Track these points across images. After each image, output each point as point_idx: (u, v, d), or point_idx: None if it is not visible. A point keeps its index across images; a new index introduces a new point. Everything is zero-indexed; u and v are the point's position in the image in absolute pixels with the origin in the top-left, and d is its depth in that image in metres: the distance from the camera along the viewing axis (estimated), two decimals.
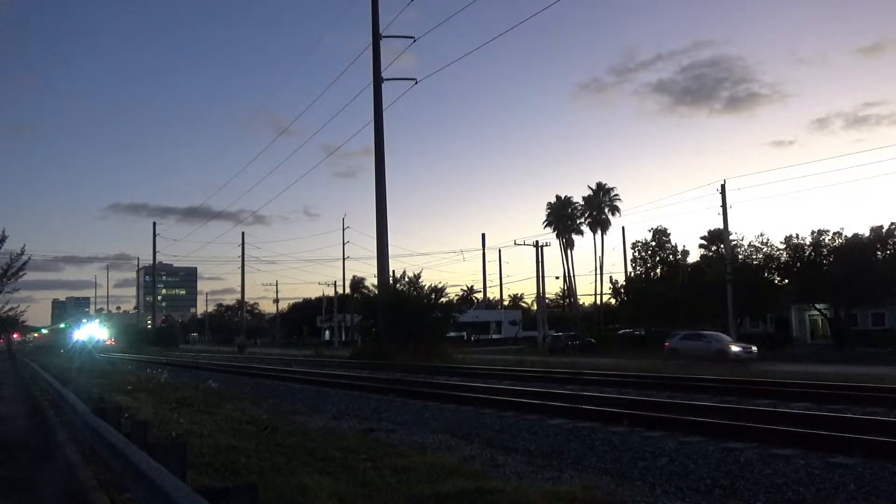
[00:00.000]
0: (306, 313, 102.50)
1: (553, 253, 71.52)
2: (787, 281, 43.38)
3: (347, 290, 79.98)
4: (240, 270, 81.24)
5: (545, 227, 74.18)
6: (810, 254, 40.98)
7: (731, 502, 6.12)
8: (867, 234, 41.56)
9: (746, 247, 43.88)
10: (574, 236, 73.61)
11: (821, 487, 6.07)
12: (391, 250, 38.55)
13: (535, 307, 78.99)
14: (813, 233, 41.19)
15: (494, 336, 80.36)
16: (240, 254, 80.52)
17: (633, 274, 58.80)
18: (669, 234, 57.55)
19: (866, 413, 10.25)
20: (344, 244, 72.28)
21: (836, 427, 8.41)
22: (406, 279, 39.40)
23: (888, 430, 8.13)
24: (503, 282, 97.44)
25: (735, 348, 31.09)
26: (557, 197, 74.17)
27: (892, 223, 40.85)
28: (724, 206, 40.71)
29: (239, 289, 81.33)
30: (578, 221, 73.62)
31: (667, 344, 33.75)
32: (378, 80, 38.29)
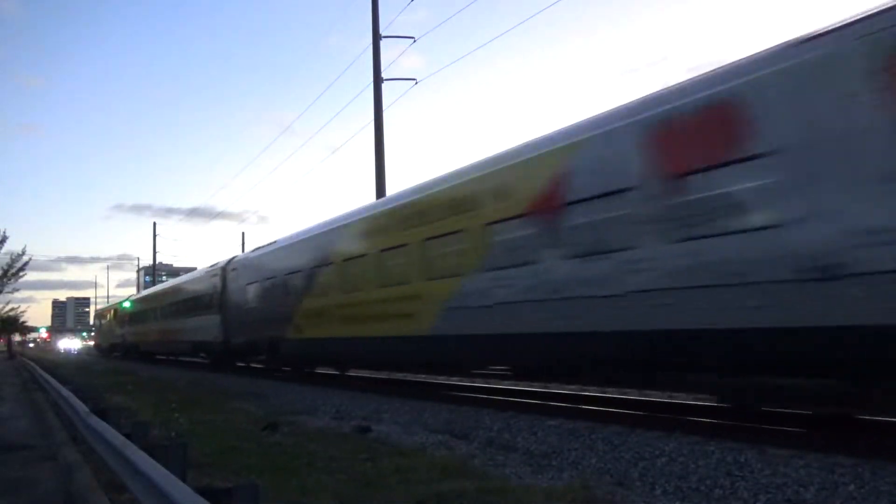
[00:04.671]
0: None
1: None
2: None
3: None
4: None
5: None
6: None
7: (731, 502, 6.13)
8: None
9: None
10: None
11: (820, 487, 6.08)
12: None
13: None
14: None
15: None
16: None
17: None
18: None
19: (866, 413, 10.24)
20: None
21: (836, 427, 8.41)
22: None
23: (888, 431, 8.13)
24: None
25: None
26: None
27: None
28: None
29: None
30: None
31: None
32: (378, 80, 38.25)
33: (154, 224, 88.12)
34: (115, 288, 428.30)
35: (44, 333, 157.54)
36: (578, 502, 5.94)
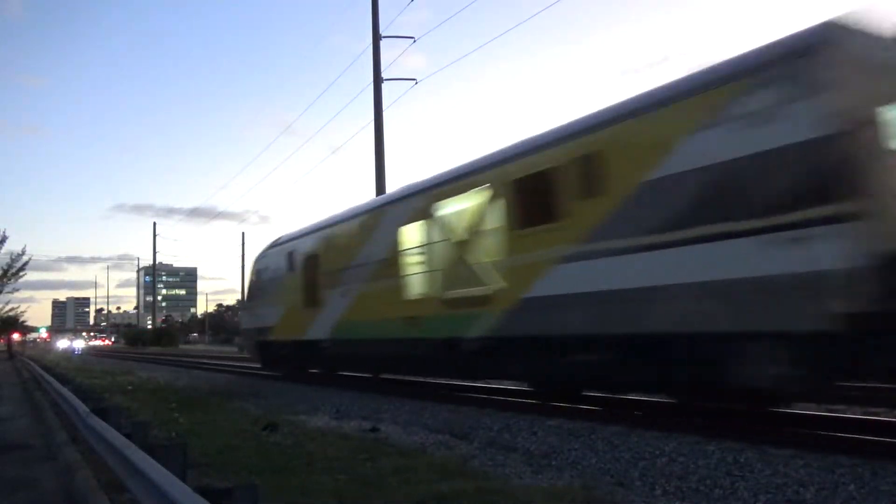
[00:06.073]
0: None
1: None
2: None
3: None
4: (240, 270, 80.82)
5: None
6: None
7: (731, 502, 6.13)
8: None
9: None
10: None
11: (820, 487, 6.08)
12: None
13: None
14: None
15: None
16: (241, 253, 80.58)
17: None
18: None
19: (866, 413, 10.26)
20: None
21: (835, 427, 8.41)
22: None
23: (887, 431, 8.12)
24: None
25: None
26: None
27: None
28: None
29: (239, 289, 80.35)
30: None
31: None
32: (378, 80, 38.30)
33: (154, 224, 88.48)
34: (115, 288, 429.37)
35: (44, 333, 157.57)
36: (578, 502, 5.94)
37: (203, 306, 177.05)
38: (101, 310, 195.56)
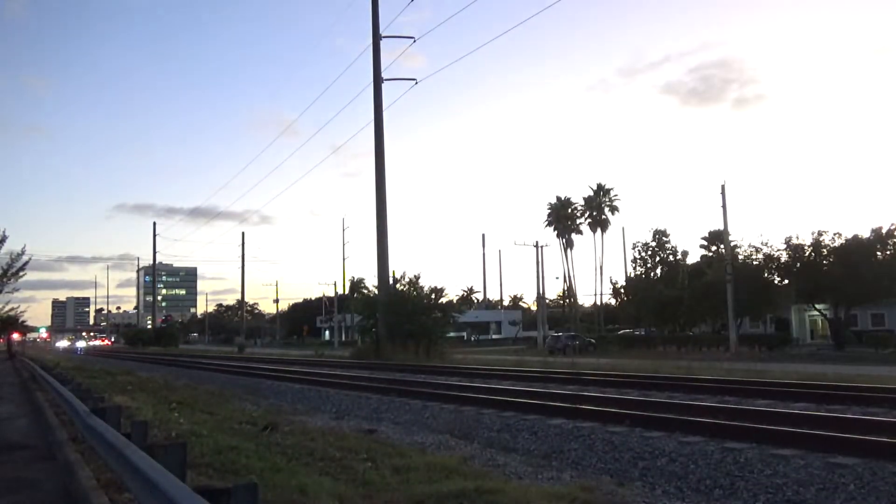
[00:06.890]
0: (306, 313, 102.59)
1: (554, 253, 71.76)
2: (786, 281, 43.54)
3: (348, 291, 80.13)
4: (240, 270, 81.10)
5: (546, 226, 74.48)
6: (810, 254, 41.15)
7: (731, 502, 6.12)
8: (867, 234, 41.64)
9: (746, 247, 43.99)
10: (574, 236, 73.94)
11: (820, 487, 6.08)
12: (391, 250, 38.57)
13: (535, 307, 79.35)
14: (813, 233, 41.23)
15: (494, 336, 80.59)
16: (240, 254, 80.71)
17: (633, 274, 59.01)
18: (669, 235, 57.75)
19: (866, 413, 10.25)
20: (344, 244, 72.42)
21: (836, 427, 8.41)
22: (406, 279, 39.38)
23: (887, 431, 8.12)
24: (503, 282, 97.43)
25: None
26: (558, 198, 74.58)
27: (893, 223, 40.71)
28: (724, 206, 40.89)
29: (239, 289, 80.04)
30: (578, 221, 73.92)
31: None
32: (378, 81, 38.34)
33: (154, 224, 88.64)
34: (115, 288, 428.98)
35: (44, 333, 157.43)
36: (578, 502, 5.94)
37: (203, 306, 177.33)
38: (101, 310, 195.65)
